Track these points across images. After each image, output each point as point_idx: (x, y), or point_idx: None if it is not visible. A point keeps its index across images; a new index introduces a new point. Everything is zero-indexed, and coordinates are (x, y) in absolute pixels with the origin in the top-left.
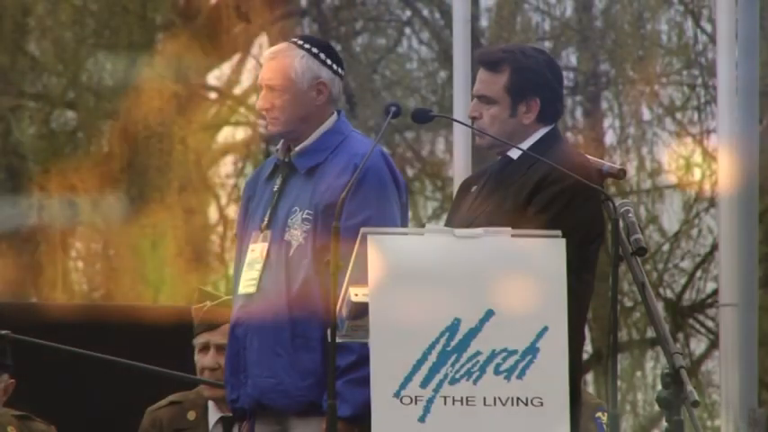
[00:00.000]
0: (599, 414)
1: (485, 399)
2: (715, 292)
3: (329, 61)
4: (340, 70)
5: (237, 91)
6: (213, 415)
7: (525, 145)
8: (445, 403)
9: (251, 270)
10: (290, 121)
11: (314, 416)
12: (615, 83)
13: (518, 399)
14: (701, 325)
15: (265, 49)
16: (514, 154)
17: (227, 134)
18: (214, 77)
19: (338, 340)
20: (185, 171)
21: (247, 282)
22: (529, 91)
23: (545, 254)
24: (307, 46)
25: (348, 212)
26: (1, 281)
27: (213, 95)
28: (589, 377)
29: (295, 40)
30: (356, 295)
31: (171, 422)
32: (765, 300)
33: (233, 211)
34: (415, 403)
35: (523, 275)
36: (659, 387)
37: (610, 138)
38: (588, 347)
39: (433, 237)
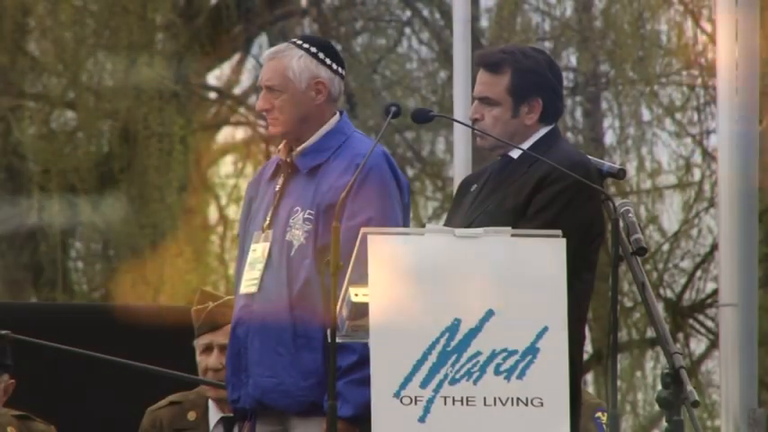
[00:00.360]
0: (599, 414)
1: (485, 399)
2: (715, 292)
3: (328, 60)
4: (340, 69)
5: (237, 91)
6: (214, 415)
7: (526, 145)
8: (445, 403)
9: (252, 270)
10: (289, 121)
11: (315, 416)
12: (615, 83)
13: (518, 399)
14: (700, 325)
15: (265, 49)
16: (515, 153)
17: (227, 134)
18: (214, 77)
19: (338, 340)
20: (185, 171)
21: (249, 281)
22: (531, 91)
23: (545, 254)
24: (305, 46)
25: (350, 213)
26: (1, 281)
27: (213, 95)
28: (589, 377)
29: (294, 39)
30: (356, 295)
31: (171, 422)
32: (765, 300)
33: (233, 211)
34: (415, 403)
35: (523, 275)
36: (659, 387)
37: (610, 138)
38: (588, 347)
39: (434, 237)
